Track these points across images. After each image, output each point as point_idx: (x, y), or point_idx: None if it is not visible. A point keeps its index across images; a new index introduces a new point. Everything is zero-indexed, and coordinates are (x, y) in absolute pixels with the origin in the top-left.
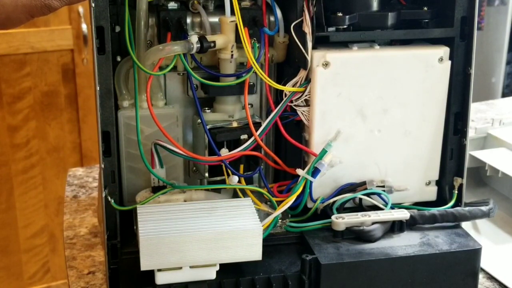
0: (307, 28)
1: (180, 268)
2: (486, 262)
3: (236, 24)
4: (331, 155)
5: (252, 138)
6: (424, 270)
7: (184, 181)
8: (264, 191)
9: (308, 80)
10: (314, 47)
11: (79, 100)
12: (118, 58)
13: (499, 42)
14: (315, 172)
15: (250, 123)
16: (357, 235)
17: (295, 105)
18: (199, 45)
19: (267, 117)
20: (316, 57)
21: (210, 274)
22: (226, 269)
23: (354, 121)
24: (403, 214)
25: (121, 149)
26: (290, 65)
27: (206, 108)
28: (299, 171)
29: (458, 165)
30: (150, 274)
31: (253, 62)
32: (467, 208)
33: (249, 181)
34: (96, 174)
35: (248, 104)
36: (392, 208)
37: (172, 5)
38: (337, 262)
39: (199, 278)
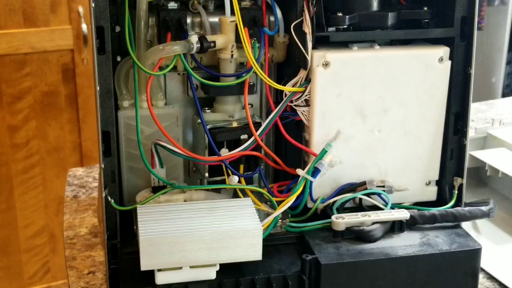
0: (307, 28)
1: (180, 268)
2: (486, 262)
3: (236, 24)
4: (331, 155)
5: (252, 138)
6: (424, 270)
7: (184, 181)
8: (264, 191)
9: (308, 80)
10: (314, 47)
11: (79, 100)
12: (118, 58)
13: (499, 42)
14: (315, 172)
15: (250, 123)
16: (357, 235)
17: (295, 105)
18: (199, 45)
19: (267, 117)
20: (316, 57)
21: (210, 274)
22: (226, 269)
23: (354, 121)
24: (403, 214)
25: (121, 149)
26: (290, 65)
27: (206, 108)
28: (299, 171)
29: (458, 165)
30: (150, 274)
31: (253, 62)
32: (467, 208)
33: (249, 181)
34: (96, 174)
35: (248, 104)
36: (392, 208)
37: (172, 5)
38: (337, 262)
39: (199, 278)
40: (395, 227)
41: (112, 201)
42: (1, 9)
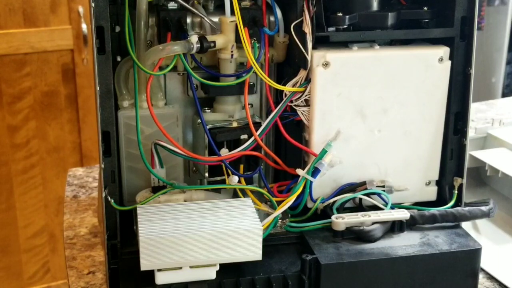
0: (307, 28)
1: (180, 268)
2: (486, 262)
3: (236, 24)
4: (331, 155)
5: (252, 138)
6: (424, 270)
7: (184, 181)
8: (264, 191)
9: (308, 80)
10: (314, 47)
11: (79, 100)
12: (118, 58)
13: (499, 42)
14: (315, 172)
15: (250, 123)
16: (357, 235)
17: (295, 105)
18: (199, 45)
19: (267, 117)
20: (316, 57)
21: (210, 274)
22: (226, 269)
23: (354, 121)
24: (403, 214)
25: (121, 149)
26: (290, 65)
27: (206, 108)
28: (299, 171)
29: (458, 165)
30: (150, 274)
31: (253, 62)
32: (467, 208)
33: (249, 181)
34: (96, 174)
35: (248, 104)
36: (392, 208)
37: (172, 5)
38: (337, 262)
39: (199, 278)
40: (395, 227)
41: (112, 201)
42: (1, 9)
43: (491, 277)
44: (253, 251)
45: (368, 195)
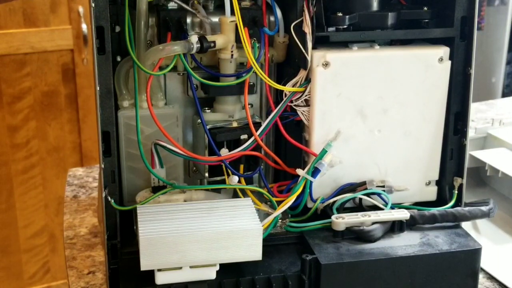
0: (307, 28)
1: (180, 268)
2: (486, 262)
3: (236, 24)
4: (331, 155)
5: (252, 138)
6: (424, 270)
7: (184, 181)
8: (264, 191)
9: (308, 80)
10: (314, 47)
11: (79, 100)
12: (118, 58)
13: (499, 42)
14: (315, 172)
15: (250, 123)
16: (357, 235)
17: (295, 105)
18: (199, 45)
19: (267, 117)
20: (316, 57)
21: (210, 274)
22: (226, 269)
23: (354, 121)
24: (403, 214)
25: (121, 149)
26: (290, 65)
27: (206, 108)
28: (299, 171)
29: (458, 165)
30: (150, 274)
31: (253, 62)
32: (467, 208)
33: (249, 181)
34: (96, 174)
35: (248, 104)
36: (392, 208)
37: (172, 5)
38: (337, 262)
39: (199, 278)
40: (395, 227)
41: (112, 201)
42: (1, 9)
43: (491, 277)
44: (253, 251)
45: (368, 195)
